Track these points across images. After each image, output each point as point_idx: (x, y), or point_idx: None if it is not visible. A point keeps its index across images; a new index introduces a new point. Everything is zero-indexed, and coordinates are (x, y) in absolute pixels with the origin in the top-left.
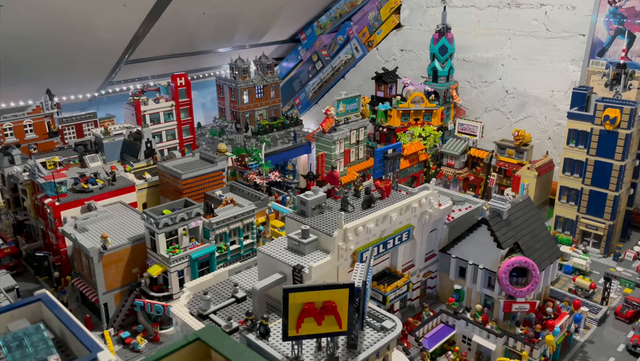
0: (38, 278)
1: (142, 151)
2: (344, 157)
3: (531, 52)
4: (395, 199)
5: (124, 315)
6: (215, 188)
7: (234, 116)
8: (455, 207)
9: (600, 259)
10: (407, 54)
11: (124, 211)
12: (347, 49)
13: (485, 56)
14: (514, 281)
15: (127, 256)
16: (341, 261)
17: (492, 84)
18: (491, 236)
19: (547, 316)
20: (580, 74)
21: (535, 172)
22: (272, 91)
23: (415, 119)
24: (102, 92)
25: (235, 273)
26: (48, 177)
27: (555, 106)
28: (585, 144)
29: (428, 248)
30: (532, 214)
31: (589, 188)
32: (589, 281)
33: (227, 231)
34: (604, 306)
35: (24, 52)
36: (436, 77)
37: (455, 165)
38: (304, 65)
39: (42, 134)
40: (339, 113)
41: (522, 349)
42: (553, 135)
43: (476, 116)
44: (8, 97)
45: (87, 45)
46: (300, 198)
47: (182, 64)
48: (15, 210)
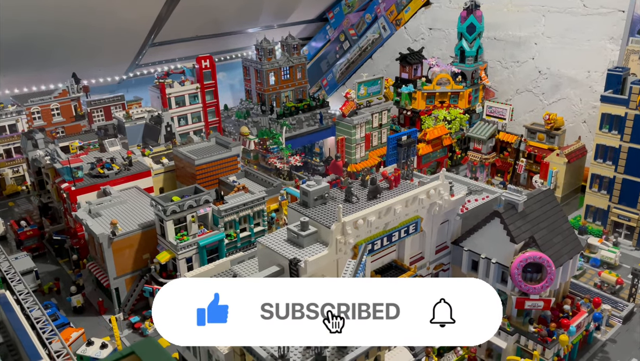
0: (59, 260)
1: (162, 135)
2: (365, 141)
3: (566, 30)
4: (403, 189)
5: (134, 300)
6: (229, 173)
7: (259, 98)
8: (471, 197)
9: (633, 252)
10: (435, 32)
11: (138, 196)
12: (375, 27)
13: (517, 34)
14: (528, 277)
15: (138, 242)
16: (340, 255)
17: (524, 64)
18: (504, 230)
19: (564, 314)
20: (618, 53)
21: (564, 158)
22: (299, 72)
23: (441, 102)
24: (130, 74)
25: (238, 263)
26: (64, 162)
27: (592, 88)
28: (619, 130)
29: (439, 240)
30: (552, 206)
31: (622, 176)
32: (615, 276)
33: (236, 218)
34: (631, 303)
35: (50, 37)
36: (464, 58)
37: (482, 150)
38: (332, 45)
39: (69, 117)
40: (360, 96)
41: (534, 348)
42: (588, 119)
43: (507, 98)
44: (39, 82)
45: (110, 28)
46: (302, 188)
47: (208, 45)
48: (39, 193)
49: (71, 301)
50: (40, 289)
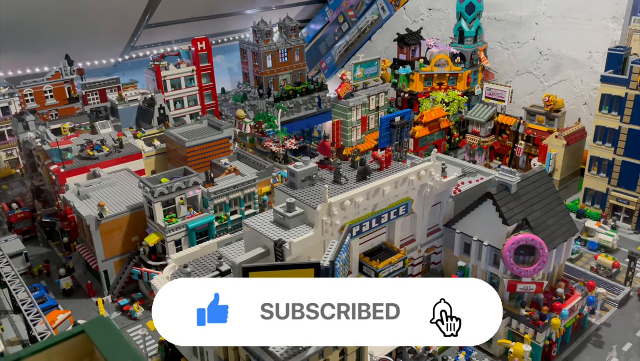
0: (50, 242)
1: (155, 117)
2: (361, 124)
3: (568, 9)
4: (394, 170)
5: (124, 283)
6: (221, 155)
7: (257, 81)
8: (465, 179)
9: (631, 236)
10: (435, 13)
11: (128, 178)
12: (374, 8)
13: (518, 14)
14: (521, 260)
15: (126, 224)
16: (326, 237)
17: (525, 45)
18: (496, 212)
19: (557, 298)
20: (620, 33)
21: (563, 140)
22: (297, 54)
23: (439, 84)
24: (125, 57)
25: (225, 245)
26: (53, 143)
27: (593, 69)
28: (619, 111)
29: (431, 222)
30: (546, 187)
31: (621, 159)
32: (612, 259)
33: (226, 200)
34: (627, 287)
35: (43, 19)
36: (462, 38)
37: (480, 132)
38: (331, 27)
39: (62, 99)
40: (357, 78)
41: (525, 331)
42: (589, 100)
43: (507, 80)
44: (32, 64)
45: (104, 8)
46: (289, 168)
47: (205, 27)
48: (31, 175)
49: (60, 284)
50: (30, 272)
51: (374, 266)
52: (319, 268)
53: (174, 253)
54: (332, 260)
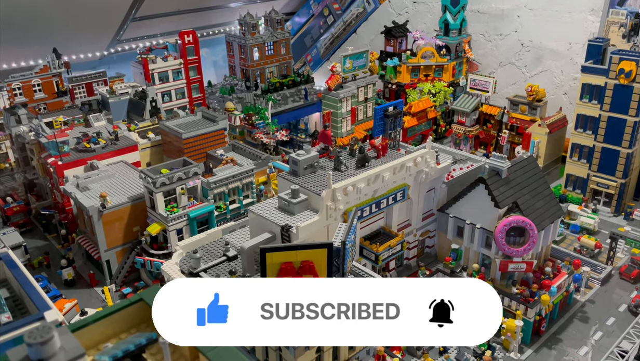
0: (47, 235)
1: (147, 110)
2: (351, 115)
3: (549, 2)
4: (391, 158)
5: (126, 272)
6: (217, 147)
7: (244, 74)
8: (456, 165)
9: (611, 218)
10: (420, 6)
11: (126, 170)
12: (359, 1)
13: (500, 7)
14: (512, 241)
15: (128, 215)
16: (330, 221)
17: (507, 37)
18: (488, 195)
19: (546, 276)
20: (599, 25)
21: (546, 129)
22: (283, 47)
23: (426, 75)
24: (111, 50)
25: (230, 232)
26: (50, 136)
27: (572, 60)
28: (599, 100)
29: (426, 207)
30: (534, 172)
31: (601, 145)
32: (594, 240)
33: (225, 190)
34: (609, 266)
35: (29, 12)
36: (448, 31)
37: (466, 122)
38: (316, 20)
39: (50, 93)
40: (346, 70)
41: (517, 308)
42: (569, 90)
43: (490, 71)
44: (18, 58)
45: (90, 1)
46: (292, 157)
47: (191, 20)
48: (24, 169)
49: (62, 275)
50: (29, 264)
51: (374, 249)
52: (331, 248)
53: (181, 241)
54: (343, 240)
